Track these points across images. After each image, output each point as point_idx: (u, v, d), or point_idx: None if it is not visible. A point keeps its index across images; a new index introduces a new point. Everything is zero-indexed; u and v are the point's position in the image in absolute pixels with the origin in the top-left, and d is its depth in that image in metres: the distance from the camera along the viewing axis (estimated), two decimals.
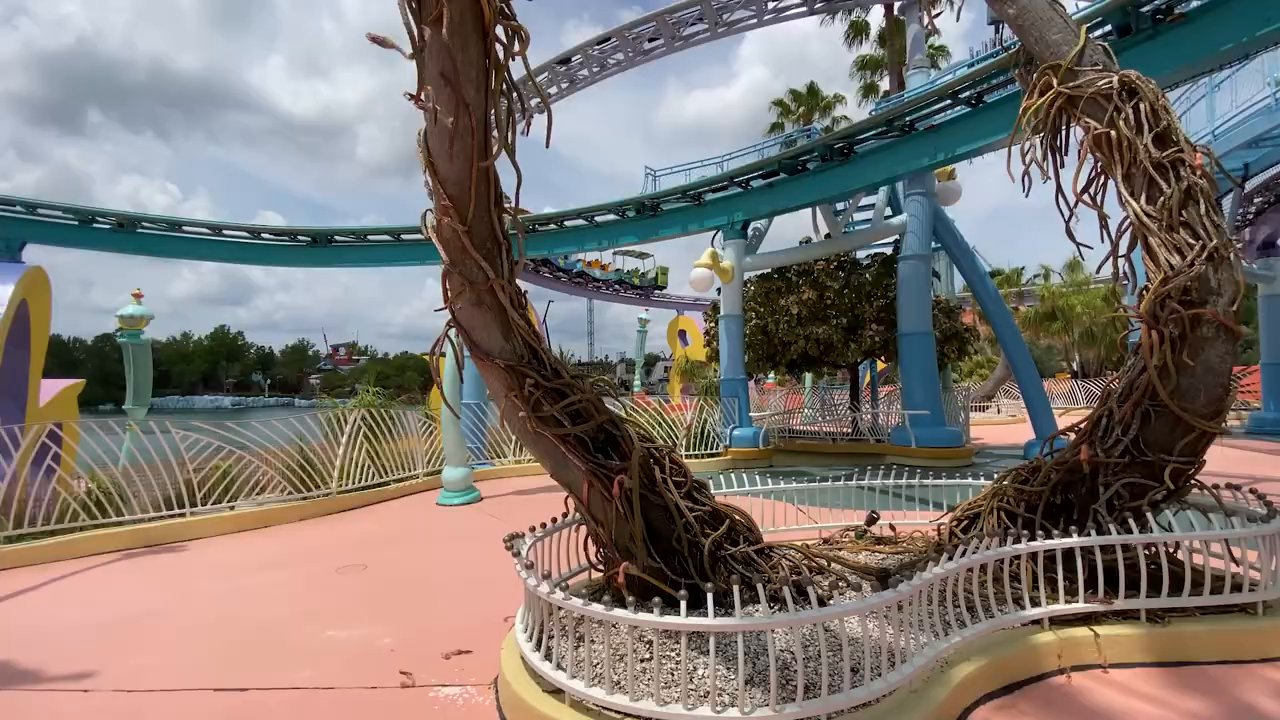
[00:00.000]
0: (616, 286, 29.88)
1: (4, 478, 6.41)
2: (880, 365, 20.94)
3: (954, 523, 4.45)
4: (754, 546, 3.52)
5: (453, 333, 3.28)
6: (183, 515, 7.16)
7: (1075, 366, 32.95)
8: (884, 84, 24.95)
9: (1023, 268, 34.87)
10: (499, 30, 2.86)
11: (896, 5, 16.06)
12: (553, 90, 17.71)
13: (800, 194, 12.26)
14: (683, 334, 30.60)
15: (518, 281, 3.28)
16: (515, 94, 3.04)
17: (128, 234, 17.04)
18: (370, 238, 17.67)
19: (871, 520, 5.10)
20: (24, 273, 12.64)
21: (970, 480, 5.51)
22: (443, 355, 3.42)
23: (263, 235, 18.01)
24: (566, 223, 15.77)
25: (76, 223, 16.64)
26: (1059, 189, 4.30)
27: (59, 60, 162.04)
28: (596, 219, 15.34)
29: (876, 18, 24.08)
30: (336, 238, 17.76)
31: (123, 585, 5.51)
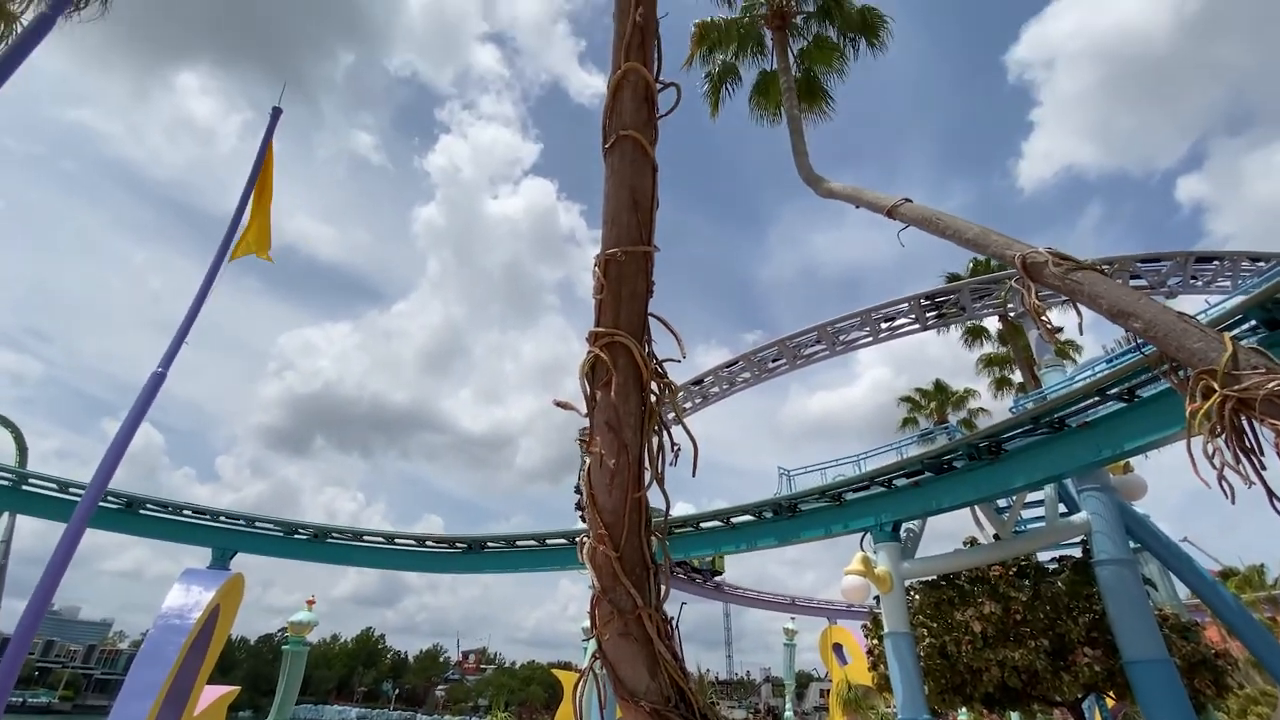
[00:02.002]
0: (676, 568, 28.01)
1: None
2: (1110, 703, 16.39)
3: None
4: None
5: (598, 665, 3.19)
6: None
7: None
8: (1015, 376, 24.79)
9: (1263, 565, 27.86)
10: (653, 385, 3.45)
11: (1011, 315, 16.96)
12: (687, 405, 19.60)
13: (952, 494, 11.59)
14: (838, 648, 26.58)
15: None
16: (666, 433, 3.48)
17: (319, 544, 19.40)
18: (519, 543, 18.66)
19: None
20: (226, 580, 14.36)
21: None
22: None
23: (426, 543, 19.69)
24: (703, 525, 15.75)
25: (282, 534, 19.36)
26: (1270, 492, 3.80)
27: (306, 400, 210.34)
28: (733, 520, 15.23)
29: (993, 320, 25.19)
30: (489, 544, 18.96)
31: None
